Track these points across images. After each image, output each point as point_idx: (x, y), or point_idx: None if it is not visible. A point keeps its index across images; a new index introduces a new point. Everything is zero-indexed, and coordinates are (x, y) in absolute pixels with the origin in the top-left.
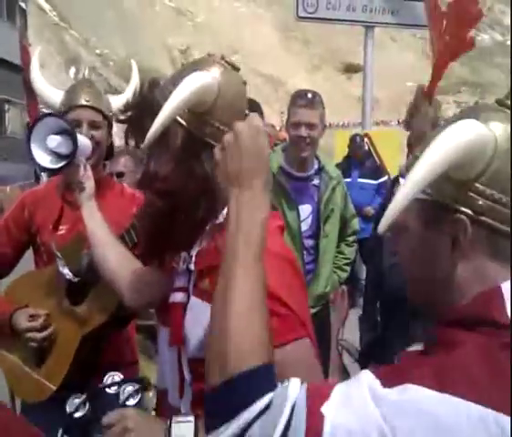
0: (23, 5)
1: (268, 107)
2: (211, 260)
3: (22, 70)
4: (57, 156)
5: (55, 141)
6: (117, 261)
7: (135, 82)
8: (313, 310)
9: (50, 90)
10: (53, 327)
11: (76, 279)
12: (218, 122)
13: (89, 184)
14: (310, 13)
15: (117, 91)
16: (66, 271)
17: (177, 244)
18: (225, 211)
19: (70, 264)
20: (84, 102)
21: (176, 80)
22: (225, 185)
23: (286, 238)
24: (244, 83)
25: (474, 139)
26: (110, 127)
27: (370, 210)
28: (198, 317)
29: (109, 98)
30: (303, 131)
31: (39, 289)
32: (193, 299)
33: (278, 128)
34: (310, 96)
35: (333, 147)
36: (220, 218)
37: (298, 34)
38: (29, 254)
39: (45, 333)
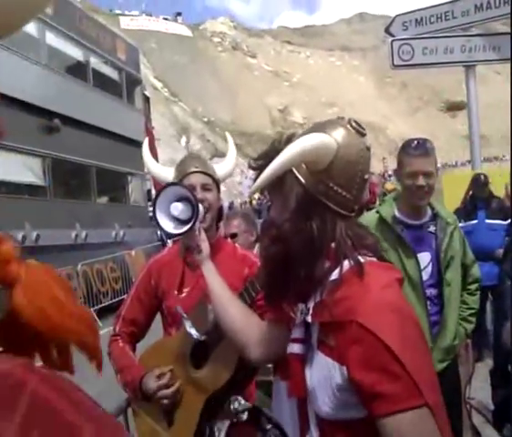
0: (146, 93)
1: None
2: (331, 316)
3: (141, 145)
4: (179, 221)
5: (177, 208)
6: (239, 317)
7: (233, 152)
8: (442, 365)
9: (162, 169)
10: (179, 382)
11: (203, 338)
12: (333, 183)
13: (205, 245)
14: (406, 60)
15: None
16: (193, 332)
17: (292, 294)
18: (338, 269)
19: (196, 324)
20: (194, 168)
21: (301, 136)
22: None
23: (406, 289)
24: (368, 148)
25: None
26: (219, 190)
27: (502, 253)
28: (326, 375)
29: (214, 167)
30: (421, 180)
31: (166, 355)
32: (319, 354)
33: (380, 174)
34: (422, 143)
35: (441, 190)
36: (335, 275)
37: (394, 79)
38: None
39: (173, 388)
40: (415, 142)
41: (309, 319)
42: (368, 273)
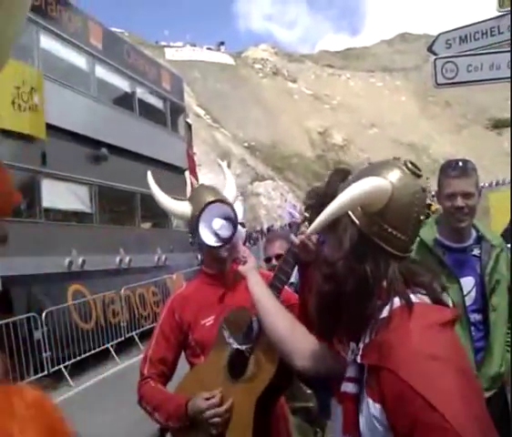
0: (189, 120)
1: None
2: (376, 358)
3: (183, 171)
4: (219, 237)
5: (219, 223)
6: (287, 327)
7: (231, 181)
8: (488, 394)
9: (176, 204)
10: (231, 401)
11: (244, 347)
12: (387, 225)
13: (251, 257)
14: (449, 78)
15: (264, 178)
16: (231, 341)
17: (343, 332)
18: (388, 307)
19: (235, 334)
20: (212, 198)
21: (357, 178)
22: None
23: None
24: (424, 190)
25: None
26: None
27: None
28: (371, 420)
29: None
30: (460, 202)
31: (202, 380)
32: (365, 395)
33: None
34: (462, 164)
35: (487, 210)
36: (384, 313)
37: (437, 98)
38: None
39: (226, 406)
40: (454, 163)
41: (358, 359)
42: (415, 315)
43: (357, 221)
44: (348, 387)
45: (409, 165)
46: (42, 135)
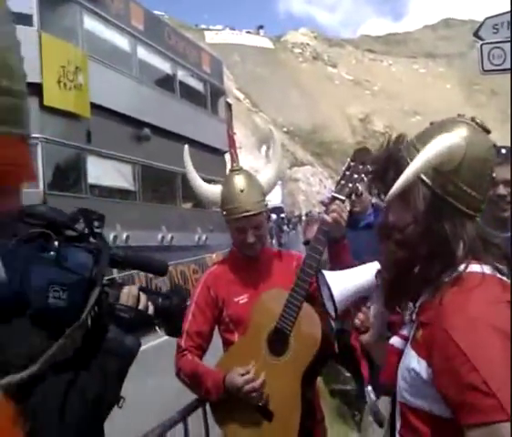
0: (229, 99)
1: None
2: (431, 316)
3: (223, 153)
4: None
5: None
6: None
7: (277, 156)
8: None
9: (207, 187)
10: (264, 374)
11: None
12: (462, 182)
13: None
14: (497, 65)
15: (303, 163)
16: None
17: (410, 294)
18: (458, 269)
19: (267, 315)
20: (245, 213)
21: (424, 139)
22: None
23: None
24: (493, 146)
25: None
26: (266, 208)
27: None
28: (410, 365)
29: (259, 181)
30: (502, 189)
31: (242, 356)
32: (410, 349)
33: None
34: (505, 151)
35: None
36: (447, 277)
37: (483, 86)
38: None
39: (260, 380)
40: (497, 149)
41: (413, 317)
42: (484, 284)
43: (430, 182)
44: (397, 342)
45: (478, 121)
46: (86, 113)
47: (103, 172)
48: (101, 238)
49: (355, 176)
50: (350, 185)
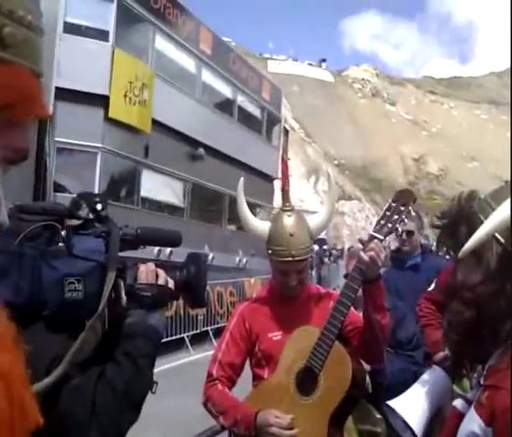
0: (287, 126)
1: None
2: (497, 378)
3: (272, 180)
4: None
5: None
6: None
7: (330, 207)
8: None
9: (256, 222)
10: (296, 430)
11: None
12: None
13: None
14: None
15: (350, 198)
16: None
17: (478, 356)
18: None
19: (298, 353)
20: (290, 259)
21: (500, 198)
22: None
23: None
24: None
25: None
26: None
27: None
28: (466, 424)
29: (309, 224)
30: None
31: (270, 396)
32: (474, 415)
33: None
34: None
35: None
36: None
37: None
38: None
39: (290, 432)
40: None
41: (481, 381)
42: None
43: (502, 240)
44: (460, 404)
45: None
46: (147, 129)
47: (155, 186)
48: (108, 221)
49: (396, 217)
50: (389, 225)
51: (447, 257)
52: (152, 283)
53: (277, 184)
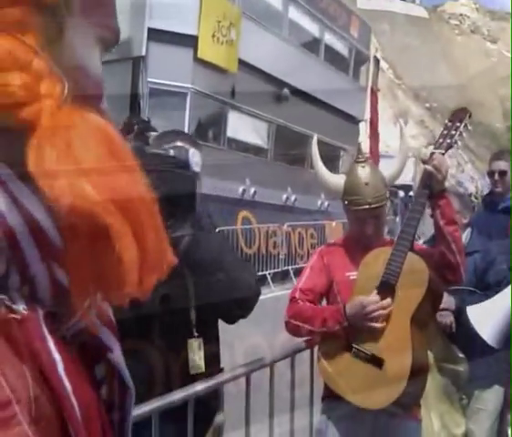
0: (378, 55)
1: None
2: None
3: (358, 122)
4: None
5: None
6: None
7: (404, 152)
8: None
9: (330, 177)
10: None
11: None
12: None
13: None
14: None
15: None
16: None
17: None
18: None
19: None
20: (366, 206)
21: None
22: None
23: None
24: None
25: None
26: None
27: None
28: None
29: (382, 173)
30: None
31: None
32: None
33: None
34: None
35: None
36: None
37: None
38: None
39: (387, 300)
40: None
41: None
42: None
43: None
44: None
45: None
46: (234, 68)
47: (241, 127)
48: None
49: (453, 132)
50: (448, 141)
51: None
52: None
53: (362, 127)
